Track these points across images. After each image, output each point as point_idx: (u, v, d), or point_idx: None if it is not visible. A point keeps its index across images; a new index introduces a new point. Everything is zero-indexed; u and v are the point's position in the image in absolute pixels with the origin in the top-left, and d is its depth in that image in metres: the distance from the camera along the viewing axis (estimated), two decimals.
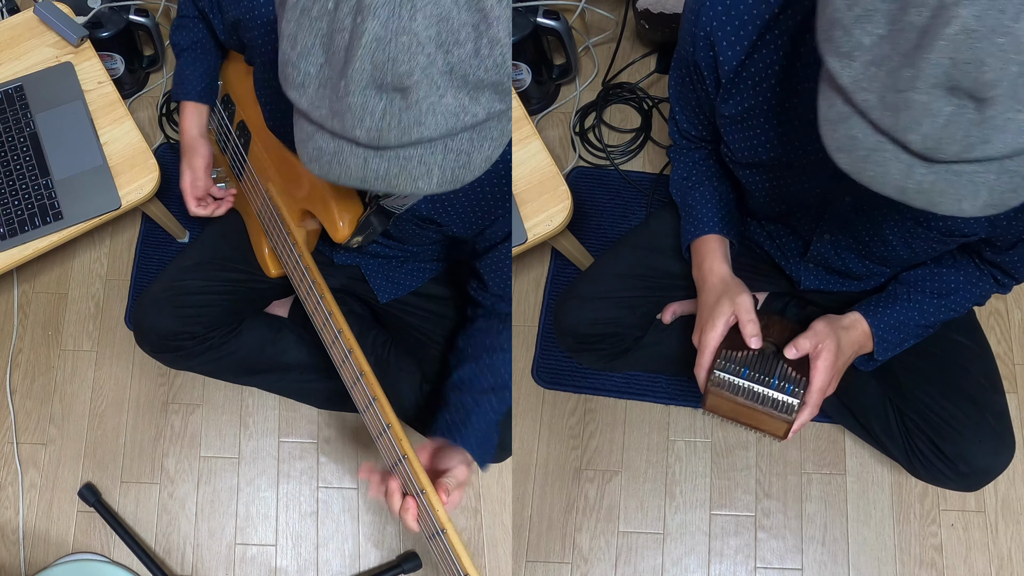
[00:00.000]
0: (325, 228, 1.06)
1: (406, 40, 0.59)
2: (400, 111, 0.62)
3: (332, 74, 0.62)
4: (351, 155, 0.65)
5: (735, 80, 0.93)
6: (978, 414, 1.17)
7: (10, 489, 1.64)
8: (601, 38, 1.84)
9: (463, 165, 0.67)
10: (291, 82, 0.65)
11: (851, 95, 0.57)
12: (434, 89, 0.61)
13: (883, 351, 1.09)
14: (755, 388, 0.96)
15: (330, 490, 1.62)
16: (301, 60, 0.63)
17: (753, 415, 0.98)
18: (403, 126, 0.62)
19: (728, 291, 1.03)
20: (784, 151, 0.95)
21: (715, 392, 0.98)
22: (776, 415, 0.96)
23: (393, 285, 1.32)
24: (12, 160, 1.40)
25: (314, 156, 0.67)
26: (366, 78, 0.60)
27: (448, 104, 0.62)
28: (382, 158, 0.65)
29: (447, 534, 0.87)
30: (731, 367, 0.98)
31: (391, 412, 0.97)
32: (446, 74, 0.61)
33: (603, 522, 1.55)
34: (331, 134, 0.65)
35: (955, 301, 1.08)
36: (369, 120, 0.62)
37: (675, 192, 1.19)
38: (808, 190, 0.99)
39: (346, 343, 1.02)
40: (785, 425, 0.97)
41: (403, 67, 0.59)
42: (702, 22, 0.91)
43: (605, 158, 1.75)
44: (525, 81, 1.69)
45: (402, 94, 0.61)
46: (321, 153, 0.66)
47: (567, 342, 1.29)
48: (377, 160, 0.65)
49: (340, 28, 0.60)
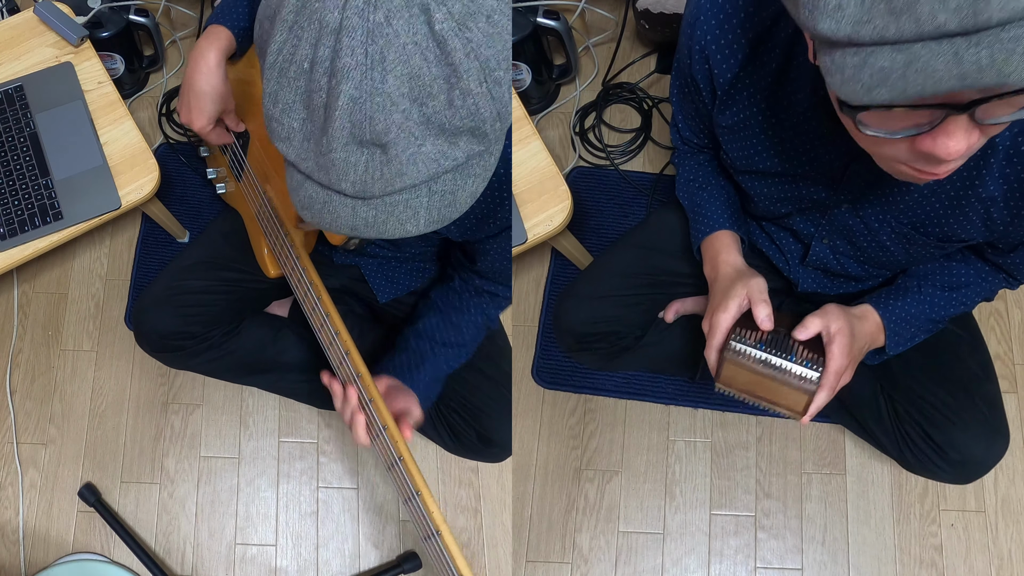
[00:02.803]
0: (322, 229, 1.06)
1: (380, 100, 0.60)
2: (382, 165, 0.63)
3: (314, 129, 0.64)
4: (340, 205, 0.67)
5: (731, 92, 0.94)
6: (970, 402, 1.16)
7: (10, 489, 1.64)
8: (601, 38, 1.84)
9: (448, 204, 0.69)
10: (277, 135, 0.66)
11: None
12: (412, 140, 0.62)
13: (895, 345, 1.08)
14: (774, 359, 0.93)
15: (330, 490, 1.62)
16: (284, 116, 0.65)
17: (771, 387, 0.94)
18: (386, 178, 0.64)
19: (741, 276, 1.02)
20: (780, 160, 0.96)
21: (732, 362, 0.94)
22: (797, 386, 0.93)
23: (393, 285, 1.32)
24: (12, 160, 1.40)
25: (306, 204, 0.69)
26: (346, 135, 0.62)
27: (428, 152, 0.63)
28: (369, 206, 0.66)
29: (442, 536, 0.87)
30: (747, 340, 0.94)
31: (387, 413, 0.98)
32: (422, 124, 0.62)
33: (603, 522, 1.55)
34: (318, 184, 0.67)
35: (965, 295, 1.07)
36: (353, 174, 0.64)
37: (682, 195, 1.19)
38: (806, 197, 0.99)
39: (343, 344, 1.02)
40: (805, 398, 0.93)
41: (380, 125, 0.61)
42: (697, 36, 0.92)
43: (605, 158, 1.75)
44: (525, 81, 1.69)
45: (382, 149, 0.62)
46: (312, 201, 0.68)
47: (567, 342, 1.29)
48: (365, 208, 0.66)
49: (317, 88, 0.61)
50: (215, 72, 1.11)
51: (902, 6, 0.53)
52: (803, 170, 0.95)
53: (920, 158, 0.68)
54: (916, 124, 0.63)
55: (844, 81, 0.58)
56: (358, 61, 0.59)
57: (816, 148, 0.91)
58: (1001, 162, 0.83)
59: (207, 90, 1.12)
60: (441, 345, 1.20)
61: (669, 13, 1.64)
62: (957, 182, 0.87)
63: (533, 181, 1.33)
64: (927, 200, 0.91)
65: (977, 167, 0.85)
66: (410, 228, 0.69)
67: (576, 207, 1.36)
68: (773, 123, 0.93)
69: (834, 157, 0.91)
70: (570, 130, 1.78)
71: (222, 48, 1.12)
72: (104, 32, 1.70)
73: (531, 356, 1.65)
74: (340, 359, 1.04)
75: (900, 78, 0.55)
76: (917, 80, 0.55)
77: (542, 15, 1.63)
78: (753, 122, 0.94)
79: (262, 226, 1.22)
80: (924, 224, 0.94)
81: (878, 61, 0.56)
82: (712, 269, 1.10)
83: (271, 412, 1.66)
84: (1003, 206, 0.88)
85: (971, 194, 0.88)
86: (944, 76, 0.54)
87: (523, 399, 1.63)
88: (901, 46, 0.54)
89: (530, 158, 1.34)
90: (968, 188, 0.87)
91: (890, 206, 0.94)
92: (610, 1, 1.82)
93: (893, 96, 0.56)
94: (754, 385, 0.96)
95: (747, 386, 0.96)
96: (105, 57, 1.71)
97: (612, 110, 1.79)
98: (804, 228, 1.07)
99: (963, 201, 0.89)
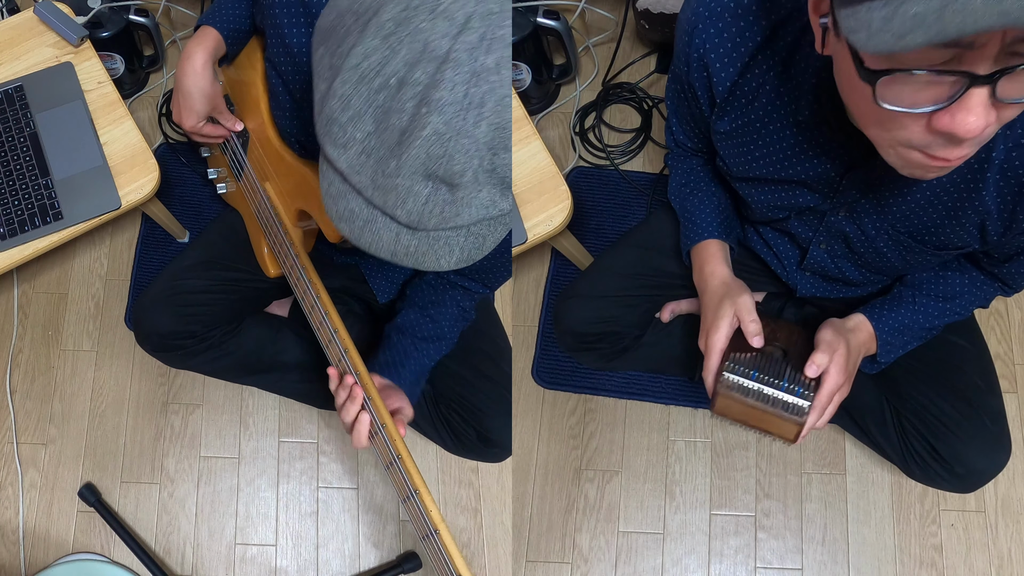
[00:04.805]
0: (321, 228, 1.06)
1: (466, 143, 0.59)
2: (444, 203, 0.63)
3: (380, 147, 0.62)
4: (385, 228, 0.66)
5: (729, 99, 0.94)
6: (975, 416, 1.17)
7: (10, 489, 1.64)
8: (601, 38, 1.84)
9: (478, 247, 0.69)
10: (333, 140, 0.64)
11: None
12: (476, 186, 0.62)
13: (886, 353, 1.09)
14: (765, 390, 0.95)
15: (330, 490, 1.62)
16: (350, 124, 0.62)
17: (763, 418, 0.97)
18: (444, 216, 0.64)
19: (729, 293, 1.03)
20: (778, 168, 0.96)
21: (725, 395, 0.97)
22: (786, 417, 0.95)
23: (392, 285, 1.32)
24: (12, 160, 1.40)
25: (345, 217, 0.67)
26: (419, 166, 0.61)
27: (483, 198, 0.64)
28: (414, 236, 0.66)
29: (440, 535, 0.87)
30: (740, 369, 0.97)
31: (386, 412, 0.98)
32: (488, 173, 0.62)
33: (603, 522, 1.55)
34: (367, 201, 0.65)
35: (959, 304, 1.08)
36: (412, 204, 0.63)
37: (674, 199, 1.19)
38: (803, 204, 0.99)
39: (342, 342, 1.02)
40: (795, 427, 0.96)
41: (458, 166, 0.60)
42: (695, 44, 0.91)
43: (605, 158, 1.75)
44: (525, 81, 1.69)
45: (450, 188, 0.62)
46: (354, 216, 0.66)
47: (566, 341, 1.29)
48: (409, 237, 0.66)
49: (399, 109, 0.60)
50: (201, 73, 1.13)
51: None
52: (801, 178, 0.95)
53: (936, 139, 0.66)
54: (935, 100, 0.62)
55: (872, 35, 0.56)
56: (456, 98, 0.58)
57: (815, 157, 0.91)
58: (996, 175, 0.84)
59: (194, 91, 1.14)
60: (422, 340, 1.21)
61: (669, 13, 1.64)
62: (954, 192, 0.87)
63: (533, 181, 1.33)
64: (923, 210, 0.91)
65: (974, 178, 0.85)
66: (443, 264, 0.69)
67: (576, 207, 1.36)
68: (772, 131, 0.93)
69: (832, 166, 0.91)
70: (570, 130, 1.78)
71: (209, 49, 1.14)
72: (104, 32, 1.70)
73: (531, 356, 1.65)
74: (339, 357, 1.04)
75: (937, 19, 0.53)
76: (954, 20, 0.52)
77: (542, 15, 1.63)
78: (751, 129, 0.94)
79: (262, 225, 1.22)
80: (921, 233, 0.94)
81: (911, 8, 0.53)
82: (700, 280, 1.11)
83: (271, 412, 1.66)
84: (996, 218, 0.88)
85: (967, 205, 0.88)
86: (983, 12, 0.51)
87: (523, 399, 1.63)
88: None
89: (530, 158, 1.34)
90: (965, 199, 0.87)
91: (887, 214, 0.94)
92: (610, 1, 1.82)
93: (930, 37, 0.54)
94: (748, 415, 0.98)
95: (741, 416, 0.99)
96: (105, 57, 1.71)
97: (612, 110, 1.79)
98: (801, 232, 1.07)
99: (959, 211, 0.89)
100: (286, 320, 1.48)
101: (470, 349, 1.32)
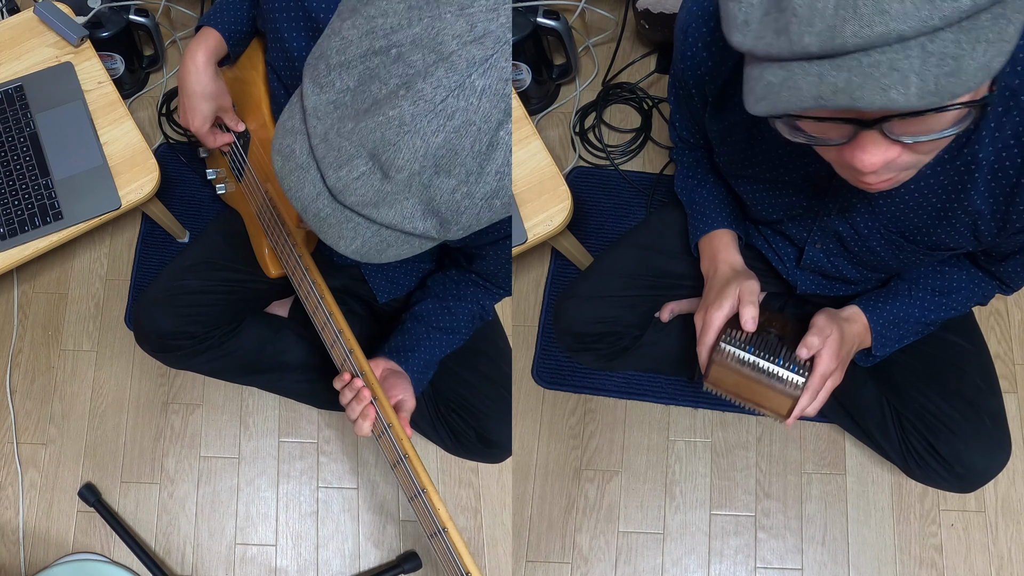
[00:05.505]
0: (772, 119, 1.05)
1: (417, 144, 0.60)
2: (372, 189, 0.62)
3: (349, 105, 0.61)
4: (310, 182, 0.65)
5: (721, 98, 0.95)
6: (975, 416, 1.17)
7: (10, 489, 1.64)
8: (601, 38, 1.85)
9: (378, 250, 0.68)
10: (315, 76, 0.63)
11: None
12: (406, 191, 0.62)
13: (881, 346, 1.09)
14: (760, 362, 0.95)
15: (330, 490, 1.62)
16: (336, 69, 0.62)
17: (757, 390, 0.96)
18: (365, 200, 0.63)
19: (737, 276, 1.03)
20: (768, 167, 0.96)
21: (719, 364, 0.96)
22: (781, 390, 0.95)
23: (392, 285, 1.32)
24: (12, 160, 1.40)
25: (285, 152, 0.66)
26: (369, 140, 0.60)
27: (405, 207, 0.63)
28: (331, 203, 0.65)
29: (448, 533, 0.88)
30: (736, 342, 0.96)
31: (392, 412, 0.98)
32: (423, 187, 0.62)
33: (603, 522, 1.55)
34: (779, 63, 0.60)
35: (957, 300, 1.08)
36: (345, 172, 0.62)
37: (681, 191, 1.19)
38: (796, 203, 1.00)
39: (346, 343, 1.02)
40: (789, 402, 0.95)
41: (400, 161, 0.60)
42: (688, 43, 0.93)
43: (605, 158, 1.75)
44: (525, 81, 1.69)
45: (383, 177, 0.62)
46: (292, 156, 0.65)
47: (566, 341, 1.29)
48: (326, 202, 0.65)
49: (384, 80, 0.59)
50: (203, 72, 1.14)
51: (782, 26, 0.56)
52: (790, 177, 0.96)
53: (846, 168, 0.73)
54: (840, 135, 0.67)
55: (746, 91, 0.63)
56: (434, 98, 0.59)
57: (805, 157, 0.92)
58: (987, 177, 0.84)
59: (197, 91, 1.15)
60: (436, 330, 1.21)
61: (669, 13, 1.64)
62: (942, 194, 0.88)
63: (533, 181, 1.33)
64: (913, 211, 0.92)
65: (962, 181, 0.85)
66: (340, 245, 0.68)
67: (576, 207, 1.36)
68: (762, 130, 0.93)
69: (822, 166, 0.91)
70: (570, 130, 1.78)
71: (210, 49, 1.14)
72: (104, 32, 1.70)
73: (531, 356, 1.65)
74: (343, 358, 1.04)
75: (776, 93, 0.59)
76: (785, 96, 0.59)
77: (542, 15, 1.63)
78: (742, 128, 0.95)
79: (263, 226, 1.22)
80: (912, 233, 0.95)
81: (768, 76, 0.60)
82: (710, 266, 1.11)
83: (271, 412, 1.66)
84: (990, 219, 0.88)
85: (957, 207, 0.88)
86: (806, 95, 0.58)
87: (523, 399, 1.63)
88: (784, 63, 0.58)
89: (530, 158, 1.34)
90: (954, 201, 0.88)
91: (877, 214, 0.95)
92: (610, 1, 1.82)
93: (768, 109, 0.60)
94: (741, 387, 0.98)
95: (734, 387, 0.98)
96: (105, 57, 1.71)
97: (612, 110, 1.79)
98: (797, 233, 1.07)
99: (949, 213, 0.89)
100: (286, 320, 1.48)
101: (470, 350, 1.32)
